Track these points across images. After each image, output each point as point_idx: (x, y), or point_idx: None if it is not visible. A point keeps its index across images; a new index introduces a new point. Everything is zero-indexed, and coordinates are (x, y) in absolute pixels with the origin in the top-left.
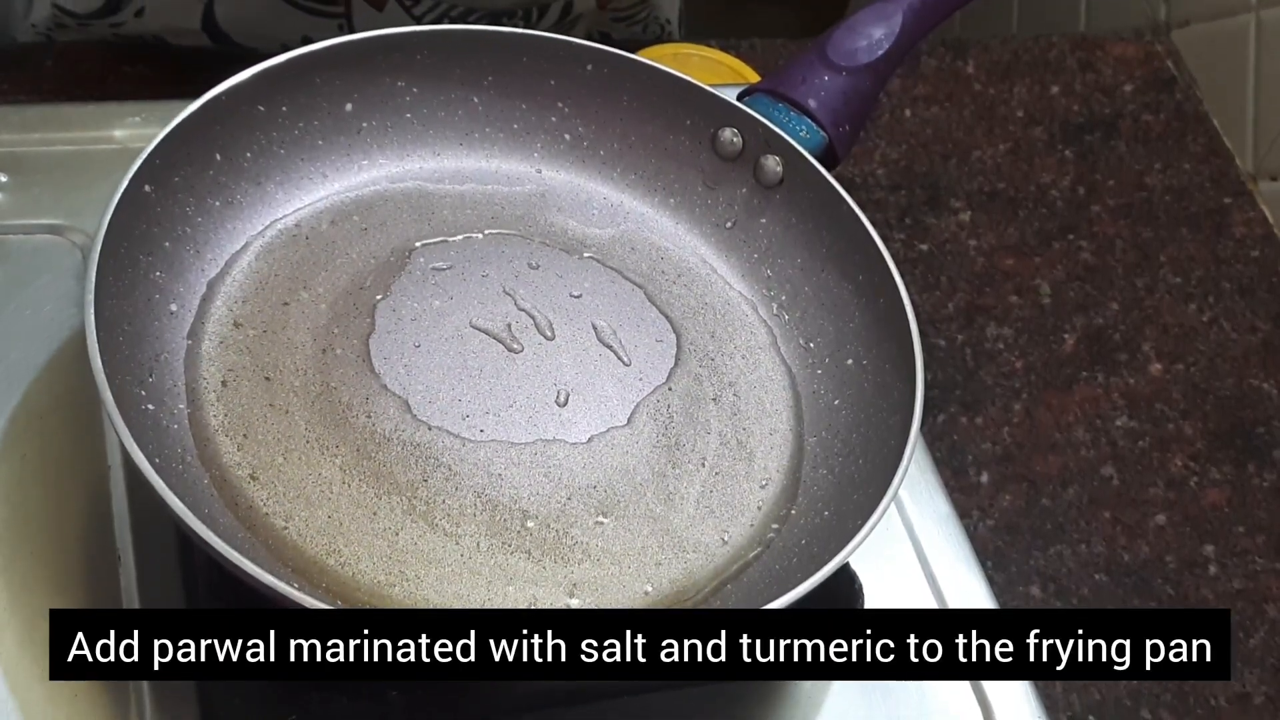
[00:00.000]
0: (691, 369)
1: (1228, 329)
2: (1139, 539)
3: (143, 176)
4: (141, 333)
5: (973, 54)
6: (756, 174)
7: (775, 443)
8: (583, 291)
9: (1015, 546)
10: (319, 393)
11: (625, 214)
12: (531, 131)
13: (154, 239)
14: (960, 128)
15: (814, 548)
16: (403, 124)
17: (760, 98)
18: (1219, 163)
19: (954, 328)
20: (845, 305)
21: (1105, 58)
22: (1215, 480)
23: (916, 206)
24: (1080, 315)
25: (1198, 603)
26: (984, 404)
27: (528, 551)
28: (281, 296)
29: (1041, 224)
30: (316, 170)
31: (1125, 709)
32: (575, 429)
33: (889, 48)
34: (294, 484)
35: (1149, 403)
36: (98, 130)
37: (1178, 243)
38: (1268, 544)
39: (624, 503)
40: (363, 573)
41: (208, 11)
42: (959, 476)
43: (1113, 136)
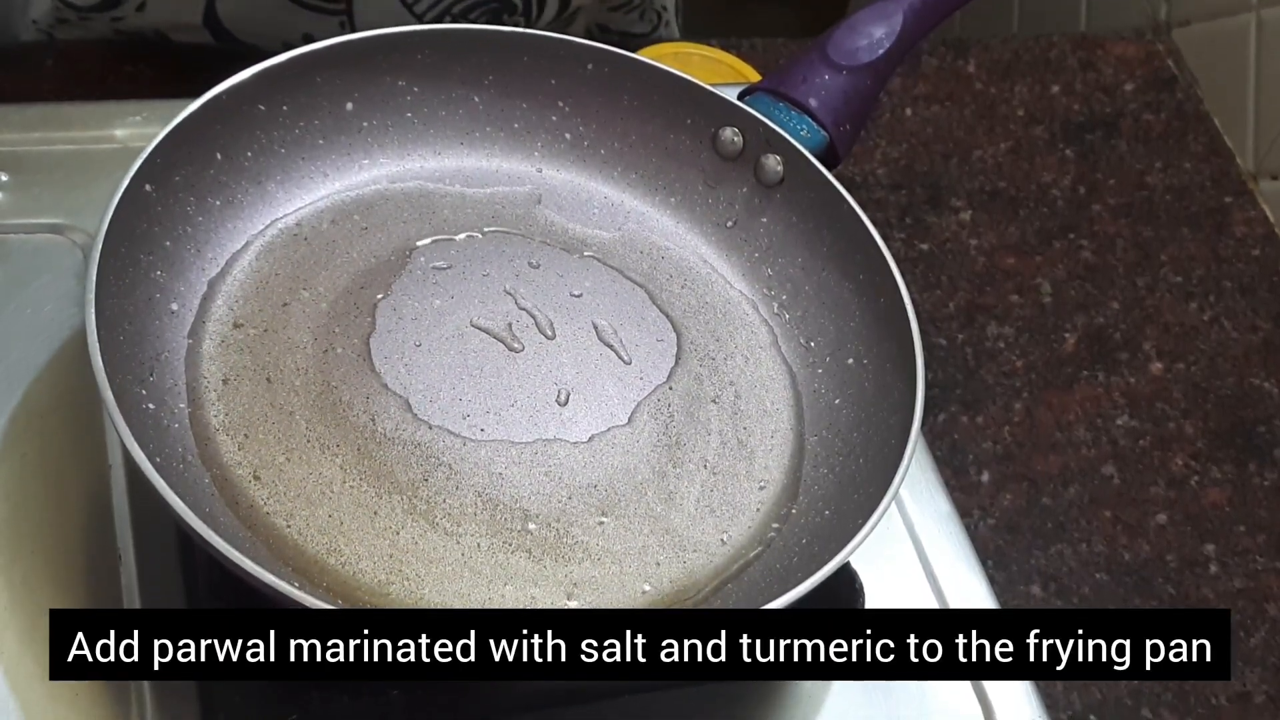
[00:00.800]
0: (692, 368)
1: (1228, 328)
2: (1140, 538)
3: (143, 176)
4: (142, 332)
5: (973, 53)
6: (757, 173)
7: (776, 442)
8: (583, 291)
9: (1016, 546)
10: (320, 392)
11: (626, 213)
12: (532, 131)
13: (155, 238)
14: (961, 127)
15: (815, 547)
16: (403, 123)
17: (761, 97)
18: (1220, 162)
19: (955, 327)
20: (846, 304)
21: (1106, 57)
22: (1216, 479)
23: (917, 206)
24: (1081, 314)
25: (1198, 602)
26: (985, 403)
27: (528, 551)
28: (282, 296)
29: (1042, 223)
30: (317, 169)
31: (1126, 708)
32: (576, 428)
33: (890, 47)
34: (295, 483)
35: (1150, 402)
36: (98, 129)
37: (1178, 242)
38: (1268, 543)
39: (624, 502)
40: (363, 572)
41: (209, 7)
42: (959, 476)
43: (1113, 136)
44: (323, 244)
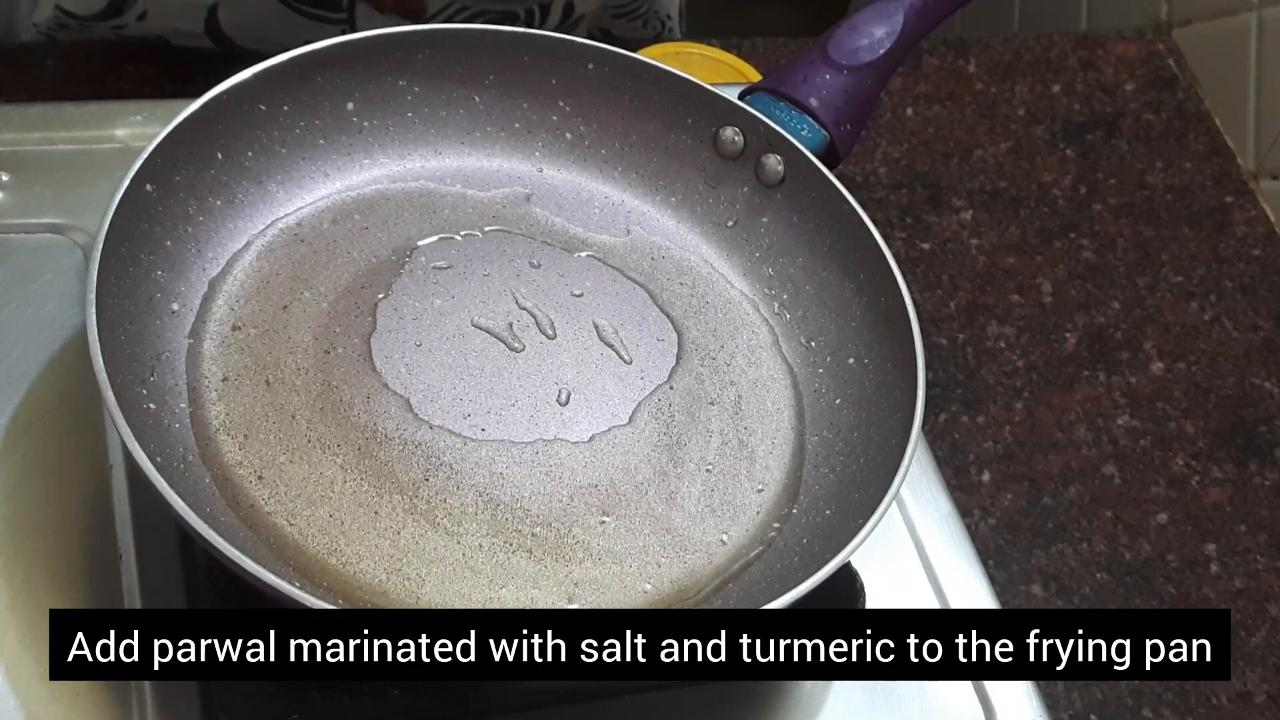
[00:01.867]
0: (693, 368)
1: (1229, 328)
2: (1140, 538)
3: (144, 175)
4: (143, 332)
5: (974, 53)
6: (758, 173)
7: (777, 442)
8: (584, 290)
9: (1016, 545)
10: (320, 392)
11: (627, 213)
12: (533, 130)
13: (155, 238)
14: (962, 126)
15: (815, 547)
16: (404, 123)
17: (762, 96)
18: (1220, 161)
19: (955, 326)
20: (847, 304)
21: (1107, 57)
22: (1217, 479)
23: (918, 205)
24: (1082, 314)
25: (1199, 602)
26: (985, 403)
27: (529, 551)
28: (283, 296)
29: (1043, 223)
30: (318, 169)
31: (1127, 708)
32: (577, 428)
33: (890, 46)
34: (295, 483)
35: (1150, 401)
36: (99, 129)
37: (1179, 241)
38: (1269, 543)
39: (625, 502)
40: (364, 572)
41: (211, 16)
42: (960, 475)
43: (1114, 135)
44: (323, 244)
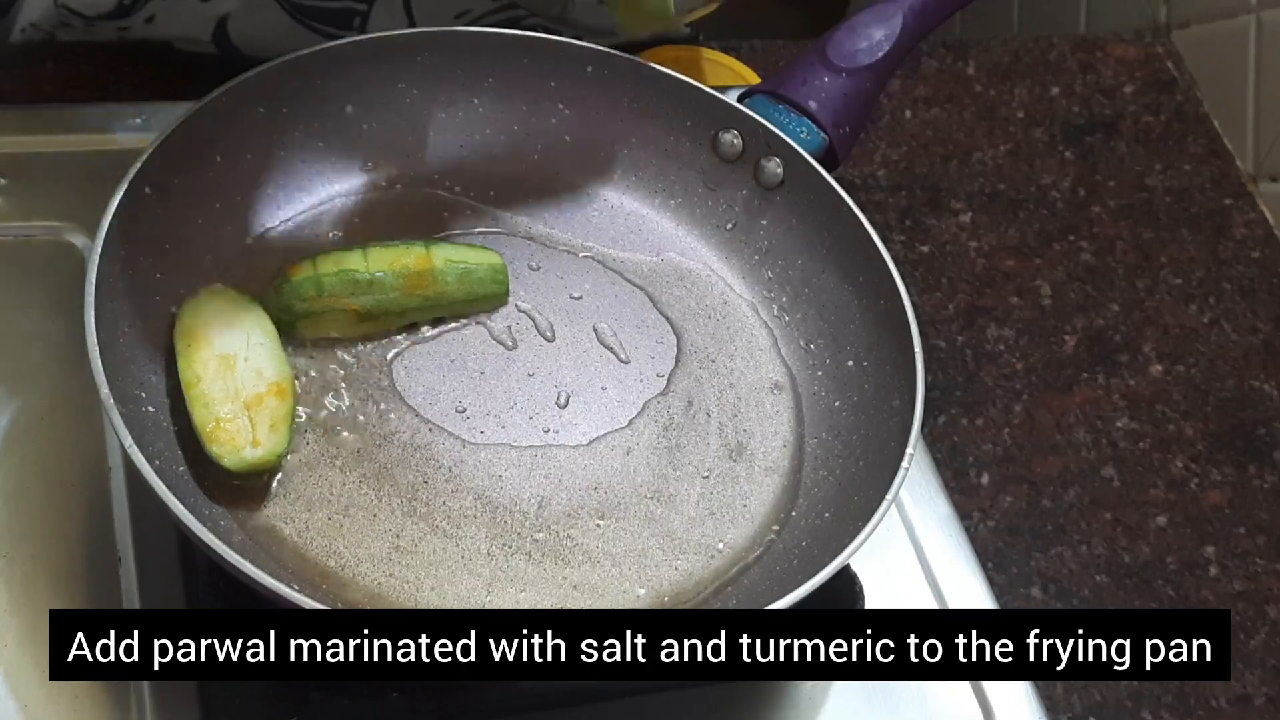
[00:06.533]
0: (692, 371)
1: (1228, 330)
2: (1140, 540)
3: (143, 178)
4: (142, 334)
5: (973, 55)
6: (757, 175)
7: (775, 445)
8: (583, 293)
9: (1016, 548)
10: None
11: (626, 215)
12: (532, 133)
13: (154, 240)
14: (961, 129)
15: (814, 549)
16: (404, 126)
17: (761, 99)
18: (1219, 164)
19: (954, 329)
20: (846, 307)
21: (1106, 59)
22: (1216, 481)
23: (917, 208)
24: (1081, 316)
25: (1198, 604)
26: (984, 405)
27: (528, 553)
28: None
29: (1042, 225)
30: (317, 172)
31: (1126, 709)
32: (576, 431)
33: (889, 49)
34: (294, 485)
35: (1149, 404)
36: (98, 132)
37: (1178, 244)
38: (1268, 545)
39: (624, 505)
40: (363, 574)
41: (220, 26)
42: (959, 478)
43: (1113, 137)
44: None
